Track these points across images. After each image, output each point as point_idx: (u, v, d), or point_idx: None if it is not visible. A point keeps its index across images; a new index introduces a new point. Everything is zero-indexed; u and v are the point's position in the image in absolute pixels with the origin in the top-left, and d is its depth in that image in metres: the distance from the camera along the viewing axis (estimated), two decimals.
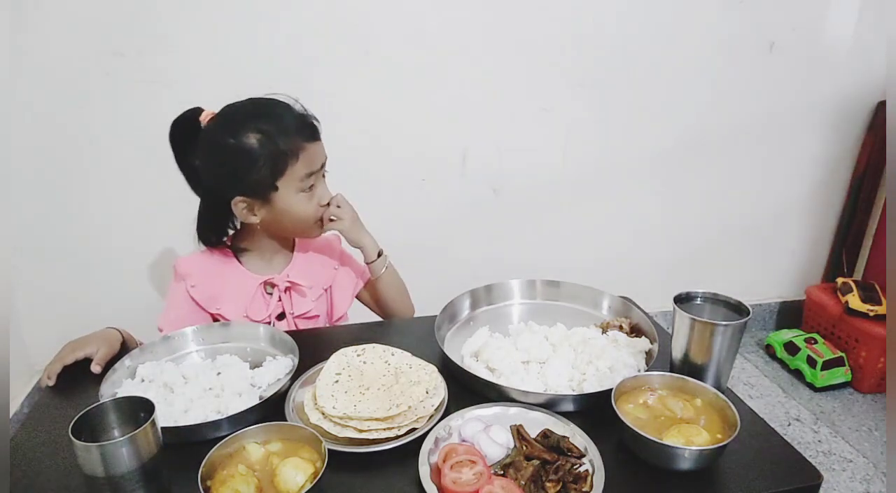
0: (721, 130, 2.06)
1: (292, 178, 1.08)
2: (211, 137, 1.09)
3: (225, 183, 1.09)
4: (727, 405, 0.79)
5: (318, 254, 1.28)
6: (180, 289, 1.17)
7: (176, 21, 1.54)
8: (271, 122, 1.07)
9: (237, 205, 1.11)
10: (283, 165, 1.07)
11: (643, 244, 2.17)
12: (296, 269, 1.23)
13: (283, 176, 1.08)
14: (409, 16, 1.68)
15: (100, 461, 0.66)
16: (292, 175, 1.08)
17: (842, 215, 2.29)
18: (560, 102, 1.89)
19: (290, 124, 1.08)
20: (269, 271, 1.21)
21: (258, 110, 1.09)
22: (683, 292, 0.93)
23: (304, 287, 1.20)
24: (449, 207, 1.93)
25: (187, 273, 1.17)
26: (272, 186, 1.08)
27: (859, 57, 2.04)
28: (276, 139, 1.05)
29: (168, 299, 1.21)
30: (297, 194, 1.10)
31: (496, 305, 1.17)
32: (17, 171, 1.58)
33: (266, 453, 0.75)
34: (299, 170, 1.08)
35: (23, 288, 1.69)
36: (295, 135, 1.07)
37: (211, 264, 1.19)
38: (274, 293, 1.20)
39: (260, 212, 1.12)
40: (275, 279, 1.19)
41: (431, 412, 0.85)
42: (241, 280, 1.19)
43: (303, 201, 1.12)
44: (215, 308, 1.16)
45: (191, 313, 1.16)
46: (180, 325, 1.07)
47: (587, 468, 0.75)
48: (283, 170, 1.07)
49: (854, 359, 2.06)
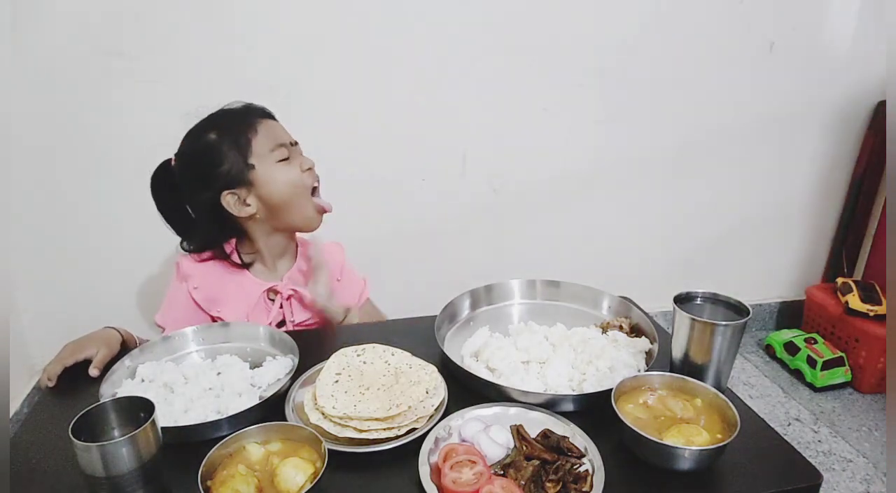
0: (721, 130, 2.06)
1: (262, 151, 1.13)
2: (181, 157, 1.16)
3: (207, 185, 1.12)
4: (727, 405, 0.79)
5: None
6: (182, 289, 1.17)
7: (176, 21, 1.54)
8: (222, 117, 1.16)
9: (227, 201, 1.12)
10: (244, 141, 1.12)
11: (643, 244, 2.17)
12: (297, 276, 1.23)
13: (251, 151, 1.12)
14: (409, 16, 1.68)
15: (100, 461, 0.66)
16: (260, 148, 1.13)
17: (842, 215, 2.29)
18: (560, 102, 1.89)
19: (237, 110, 1.17)
20: (273, 277, 1.22)
21: (209, 117, 1.17)
22: (683, 292, 0.93)
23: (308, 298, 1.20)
24: (449, 207, 1.93)
25: (190, 274, 1.17)
26: (247, 164, 1.12)
27: (859, 57, 2.04)
28: (229, 125, 1.13)
29: (168, 297, 1.22)
30: (274, 165, 1.14)
31: (496, 305, 1.17)
32: (18, 171, 1.58)
33: (266, 453, 0.75)
34: (262, 141, 1.13)
35: (23, 288, 1.69)
36: (244, 116, 1.15)
37: (215, 267, 1.19)
38: (276, 300, 1.20)
39: (251, 200, 1.14)
40: (278, 286, 1.20)
41: (431, 412, 0.85)
42: (245, 286, 1.19)
43: (282, 170, 1.14)
44: (216, 311, 1.17)
45: (190, 313, 1.17)
46: (179, 325, 1.07)
47: (587, 468, 0.75)
48: (248, 145, 1.12)
49: (854, 359, 2.06)
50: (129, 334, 1.10)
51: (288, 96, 1.63)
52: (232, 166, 1.11)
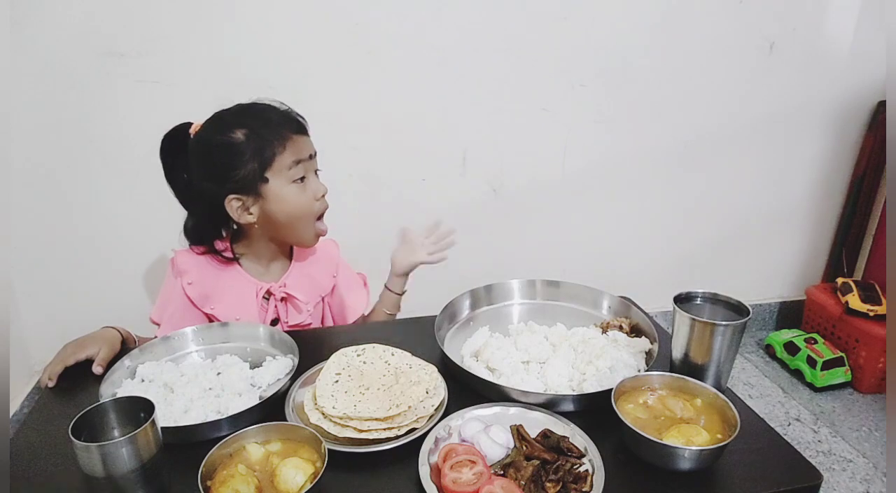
0: (721, 129, 2.06)
1: (281, 167, 1.10)
2: (201, 140, 1.12)
3: (217, 182, 1.10)
4: (727, 405, 0.79)
5: (316, 263, 1.27)
6: (176, 285, 1.16)
7: (176, 21, 1.54)
8: (256, 118, 1.11)
9: (231, 204, 1.11)
10: (269, 155, 1.09)
11: (643, 244, 2.17)
12: (293, 278, 1.23)
13: (272, 166, 1.09)
14: (410, 16, 1.68)
15: (100, 461, 0.66)
16: (280, 164, 1.10)
17: (842, 215, 2.29)
18: (560, 102, 1.89)
19: (274, 118, 1.12)
20: (267, 277, 1.21)
21: (244, 110, 1.13)
22: (683, 292, 0.93)
23: (300, 302, 1.20)
24: (449, 207, 1.93)
25: (185, 270, 1.17)
26: (262, 177, 1.09)
27: (859, 57, 2.04)
28: (261, 131, 1.09)
29: (162, 293, 1.21)
30: (288, 185, 1.11)
31: (496, 305, 1.17)
32: (18, 171, 1.58)
33: (266, 453, 0.75)
34: (286, 158, 1.10)
35: (23, 288, 1.69)
36: (279, 126, 1.10)
37: (209, 263, 1.19)
38: (270, 300, 1.20)
39: (254, 209, 1.12)
40: (272, 288, 1.19)
41: (431, 412, 0.85)
42: (239, 284, 1.18)
43: (295, 192, 1.12)
44: (209, 308, 1.16)
45: (185, 309, 1.16)
46: (174, 321, 1.07)
47: (587, 468, 0.75)
48: (271, 160, 1.09)
49: (854, 359, 2.06)
50: (129, 333, 1.10)
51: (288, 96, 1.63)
52: (248, 174, 1.08)
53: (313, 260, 1.27)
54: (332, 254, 1.32)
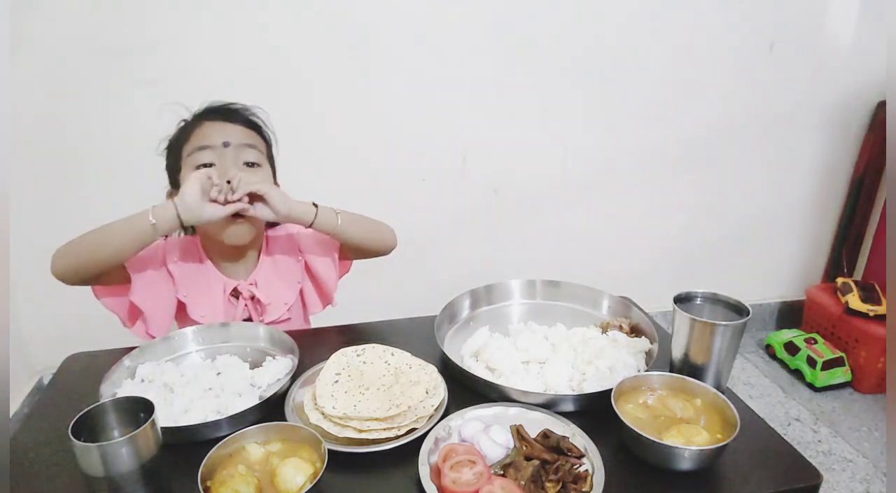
0: (721, 130, 2.06)
1: (187, 154, 1.09)
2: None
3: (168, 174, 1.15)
4: (727, 405, 0.79)
5: (283, 254, 1.21)
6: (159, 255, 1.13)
7: (175, 21, 1.54)
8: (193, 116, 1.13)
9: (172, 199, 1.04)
10: (179, 143, 1.11)
11: (643, 244, 2.17)
12: (263, 273, 1.18)
13: (182, 155, 1.10)
14: (409, 16, 1.68)
15: (100, 461, 0.66)
16: (187, 151, 1.09)
17: (842, 215, 2.29)
18: (560, 102, 1.89)
19: (202, 111, 1.13)
20: (235, 273, 1.17)
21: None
22: (683, 292, 0.93)
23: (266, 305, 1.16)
24: (449, 207, 1.93)
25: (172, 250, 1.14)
26: (177, 167, 1.11)
27: (859, 57, 2.04)
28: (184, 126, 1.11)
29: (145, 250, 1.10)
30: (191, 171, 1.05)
31: (496, 305, 1.17)
32: (17, 170, 1.58)
33: (266, 453, 0.75)
34: (192, 144, 1.09)
35: (23, 288, 1.69)
36: (198, 116, 1.12)
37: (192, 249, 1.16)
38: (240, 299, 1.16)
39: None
40: (240, 286, 1.15)
41: (431, 412, 0.85)
42: (209, 277, 1.15)
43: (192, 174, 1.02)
44: (182, 294, 1.12)
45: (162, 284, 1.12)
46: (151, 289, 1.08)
47: (587, 468, 0.75)
48: (180, 148, 1.10)
49: (854, 359, 2.06)
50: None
51: (288, 96, 1.63)
52: (169, 165, 1.13)
53: (282, 249, 1.21)
54: (293, 235, 1.23)
